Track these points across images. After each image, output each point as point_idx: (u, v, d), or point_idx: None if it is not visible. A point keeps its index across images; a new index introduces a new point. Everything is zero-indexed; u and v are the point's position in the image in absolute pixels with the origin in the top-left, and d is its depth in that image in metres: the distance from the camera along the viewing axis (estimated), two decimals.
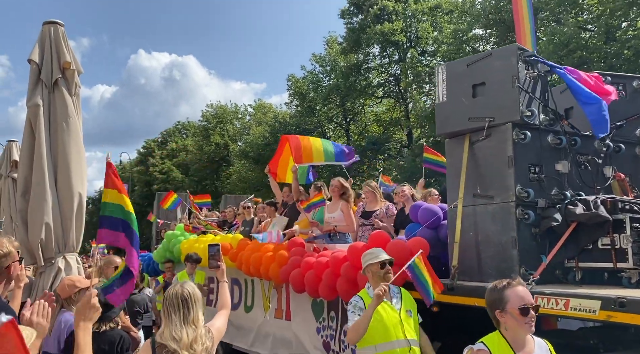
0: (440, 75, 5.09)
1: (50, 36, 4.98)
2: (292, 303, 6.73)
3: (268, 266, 6.53)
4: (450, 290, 4.66)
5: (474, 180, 4.86)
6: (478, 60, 4.86)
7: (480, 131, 4.78)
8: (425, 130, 28.26)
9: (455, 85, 4.98)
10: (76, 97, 5.04)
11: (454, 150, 5.12)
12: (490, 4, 25.76)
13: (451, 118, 5.02)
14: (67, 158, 4.85)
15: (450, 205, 5.04)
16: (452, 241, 4.91)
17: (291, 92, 31.24)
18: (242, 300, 7.95)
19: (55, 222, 4.77)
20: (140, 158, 41.74)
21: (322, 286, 5.57)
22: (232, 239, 7.90)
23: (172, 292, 3.10)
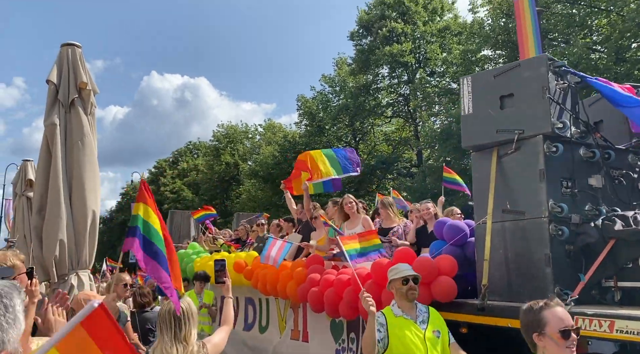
0: (465, 87, 4.89)
1: (68, 57, 5.07)
2: (310, 323, 6.45)
3: (285, 284, 6.27)
4: (481, 310, 4.39)
5: (503, 194, 4.62)
6: (505, 71, 4.66)
7: (509, 144, 4.56)
8: (435, 150, 28.05)
9: (481, 97, 4.77)
10: (92, 117, 5.11)
11: (480, 163, 4.89)
12: (498, 25, 25.74)
13: (478, 130, 4.80)
14: (81, 176, 4.89)
15: (478, 221, 4.79)
16: (481, 259, 4.65)
17: (301, 112, 31.21)
18: (257, 320, 7.68)
19: (69, 239, 4.80)
20: (152, 177, 41.70)
21: (342, 304, 5.30)
22: (246, 256, 7.65)
23: (165, 309, 3.09)
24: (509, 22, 24.82)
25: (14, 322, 1.42)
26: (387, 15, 27.59)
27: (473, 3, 26.48)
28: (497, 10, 25.57)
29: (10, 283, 1.54)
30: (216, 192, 36.15)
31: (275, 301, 7.18)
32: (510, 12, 24.17)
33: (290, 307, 6.80)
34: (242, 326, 7.99)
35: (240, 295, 8.09)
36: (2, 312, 1.43)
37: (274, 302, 7.24)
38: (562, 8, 24.63)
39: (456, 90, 28.43)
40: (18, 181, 10.66)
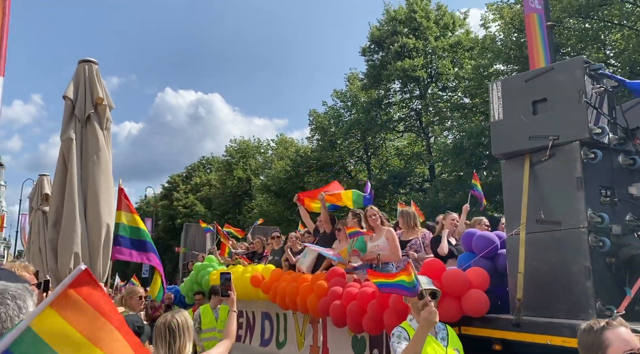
0: (495, 92, 4.66)
1: (85, 73, 5.14)
2: (330, 339, 6.17)
3: (305, 298, 6.00)
4: (516, 326, 4.11)
5: (537, 204, 4.36)
6: (538, 75, 4.43)
7: (543, 150, 4.31)
8: (448, 165, 27.75)
9: (512, 102, 4.54)
10: (107, 131, 5.16)
11: (511, 172, 4.64)
12: (510, 40, 25.57)
13: (508, 137, 4.56)
14: (96, 189, 4.92)
15: (510, 232, 4.52)
16: (514, 271, 4.37)
17: (312, 127, 31.09)
18: (274, 336, 7.40)
19: (84, 252, 4.80)
20: (165, 192, 41.74)
21: (366, 319, 5.03)
22: (263, 270, 7.40)
23: (161, 321, 3.08)
24: (520, 36, 24.63)
25: None
26: (399, 31, 27.53)
27: (485, 18, 26.40)
28: (508, 25, 25.42)
29: (22, 286, 1.55)
30: (228, 207, 36.02)
31: (294, 315, 6.91)
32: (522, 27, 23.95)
33: (310, 322, 6.52)
34: (258, 341, 7.72)
35: (257, 310, 7.83)
36: (16, 313, 1.45)
37: (292, 317, 6.97)
38: (575, 22, 24.43)
39: (468, 105, 28.23)
40: (34, 196, 10.68)
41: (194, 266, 9.67)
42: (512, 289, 4.42)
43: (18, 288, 1.52)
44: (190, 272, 9.95)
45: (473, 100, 27.19)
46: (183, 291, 9.62)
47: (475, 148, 25.66)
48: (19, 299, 1.49)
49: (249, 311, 8.00)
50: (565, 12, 23.49)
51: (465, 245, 4.97)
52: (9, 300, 1.46)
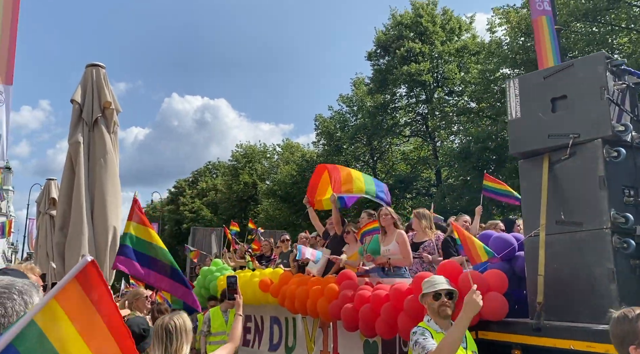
0: (512, 90, 4.51)
1: (92, 77, 5.15)
2: (341, 344, 6.00)
3: (315, 301, 5.84)
4: (537, 331, 3.94)
5: (557, 204, 4.20)
6: (557, 71, 4.28)
7: (563, 149, 4.15)
8: (454, 169, 27.56)
9: (530, 100, 4.39)
10: (114, 135, 5.14)
11: (529, 171, 4.48)
12: (517, 44, 25.41)
13: (526, 136, 4.41)
14: (103, 192, 4.91)
15: (529, 233, 4.36)
16: (534, 274, 4.21)
17: (318, 132, 30.99)
18: (283, 340, 7.24)
19: (90, 254, 4.69)
20: (171, 197, 41.66)
21: (379, 322, 4.87)
22: (271, 274, 7.25)
23: (159, 323, 3.08)
24: (527, 41, 24.48)
25: None
26: (405, 35, 27.43)
27: (491, 23, 26.26)
28: (515, 29, 25.28)
29: (29, 282, 1.53)
30: (234, 211, 35.90)
31: (303, 320, 6.75)
32: (529, 31, 23.85)
33: (320, 326, 6.37)
34: (267, 346, 7.56)
35: (265, 314, 7.68)
36: (23, 308, 1.44)
37: (301, 321, 6.81)
38: (582, 26, 24.26)
39: (475, 109, 28.06)
40: (42, 200, 10.68)
41: (201, 270, 9.53)
42: (531, 292, 4.26)
43: (25, 283, 1.50)
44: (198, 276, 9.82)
45: (479, 105, 27.03)
46: None
47: (481, 152, 25.48)
48: (26, 294, 1.47)
49: (257, 315, 7.85)
50: (572, 16, 23.34)
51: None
52: (15, 295, 1.45)
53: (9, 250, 59.05)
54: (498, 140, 25.59)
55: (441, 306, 3.30)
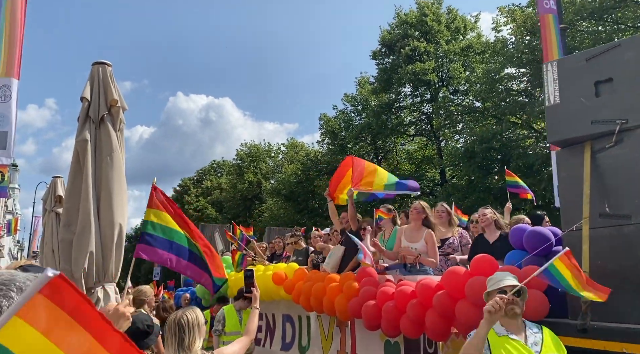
0: (550, 74, 4.16)
1: (98, 75, 5.12)
2: (360, 344, 5.65)
3: (333, 299, 5.49)
4: (583, 332, 3.59)
5: (600, 196, 3.85)
6: (601, 52, 3.93)
7: (608, 136, 3.81)
8: (459, 169, 27.21)
9: (571, 84, 4.04)
10: (120, 133, 5.13)
11: (568, 161, 4.13)
12: (522, 43, 25.05)
13: (566, 123, 4.05)
14: (110, 190, 4.88)
15: (567, 228, 4.01)
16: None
17: (323, 131, 30.59)
18: (296, 339, 6.89)
19: (97, 252, 4.73)
20: (176, 196, 41.32)
21: (404, 320, 4.51)
22: (286, 268, 6.89)
23: (172, 318, 3.11)
24: (533, 40, 24.10)
25: None
26: (410, 35, 27.05)
27: (496, 22, 25.89)
28: (521, 28, 24.91)
29: (33, 277, 1.36)
30: (239, 210, 35.55)
31: (318, 318, 6.41)
32: (535, 30, 23.48)
33: (337, 325, 6.02)
34: (279, 345, 7.22)
35: (278, 312, 7.33)
36: None
37: (316, 320, 6.46)
38: (588, 25, 23.89)
39: (479, 108, 27.68)
40: (48, 198, 10.53)
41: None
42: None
43: (27, 278, 1.34)
44: None
45: (484, 104, 26.66)
46: (199, 294, 9.13)
47: (486, 152, 25.11)
48: None
49: (269, 313, 7.50)
50: (578, 15, 22.98)
51: (515, 241, 4.46)
52: (13, 292, 1.30)
53: (15, 248, 58.80)
54: (503, 139, 25.25)
55: (508, 304, 2.94)
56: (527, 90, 26.06)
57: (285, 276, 6.61)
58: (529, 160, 23.86)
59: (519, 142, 25.81)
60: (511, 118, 26.18)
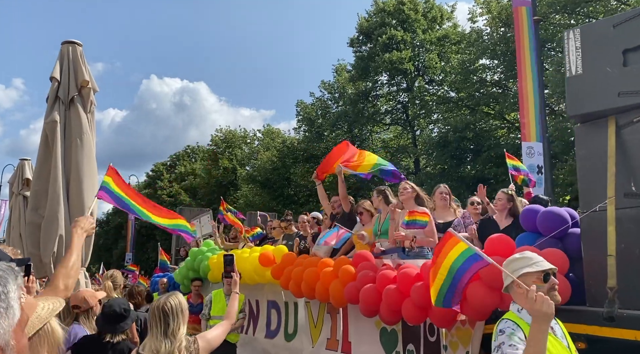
0: (572, 42, 3.77)
1: (68, 55, 4.91)
2: (353, 331, 5.24)
3: (327, 284, 5.05)
4: (609, 320, 3.24)
5: (625, 174, 3.50)
6: (630, 18, 3.55)
7: (635, 110, 3.45)
8: (433, 158, 27.15)
9: (595, 52, 3.66)
10: (91, 115, 4.96)
11: (588, 137, 3.77)
12: (497, 35, 24.98)
13: (589, 95, 3.68)
14: (79, 173, 4.73)
15: (586, 209, 3.66)
16: (593, 255, 3.53)
17: (300, 118, 30.05)
18: (282, 326, 6.44)
19: (66, 236, 4.55)
20: (149, 181, 40.11)
21: (408, 304, 4.10)
22: (275, 250, 6.40)
23: (155, 304, 3.05)
24: (507, 31, 24.01)
25: (6, 311, 1.24)
26: (387, 23, 26.64)
27: (472, 12, 25.72)
28: (496, 19, 24.80)
29: (6, 266, 1.31)
30: (213, 197, 34.71)
31: (307, 304, 5.97)
32: (509, 22, 23.33)
33: (328, 312, 5.59)
34: (263, 333, 6.76)
35: (262, 298, 6.86)
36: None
37: (304, 306, 6.03)
38: (560, 18, 23.92)
39: (454, 99, 27.58)
40: (15, 181, 10.00)
41: (190, 251, 8.63)
42: (591, 276, 3.57)
43: (1, 268, 1.28)
44: (185, 258, 8.93)
45: (459, 94, 26.58)
46: (177, 279, 8.59)
47: (459, 142, 25.11)
48: None
49: (253, 299, 7.03)
50: (551, 8, 22.97)
51: (526, 223, 4.09)
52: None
53: None
54: (476, 129, 25.25)
55: (551, 290, 2.51)
56: (501, 81, 26.07)
57: (274, 259, 6.13)
58: (500, 151, 23.91)
59: (492, 133, 25.87)
60: (484, 108, 26.17)
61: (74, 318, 3.87)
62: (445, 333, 4.29)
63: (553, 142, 19.00)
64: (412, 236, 4.70)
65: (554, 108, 23.74)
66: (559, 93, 21.58)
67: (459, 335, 4.16)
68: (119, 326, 3.67)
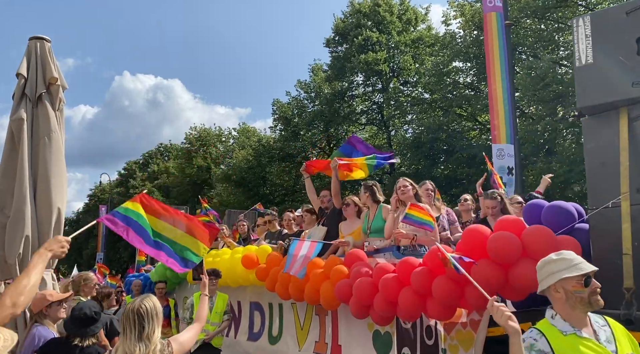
0: (581, 30, 3.54)
1: (36, 51, 4.75)
2: (344, 334, 4.93)
3: (317, 285, 4.72)
4: (627, 324, 3.01)
5: (637, 169, 3.29)
6: None
7: None
8: (407, 158, 27.15)
9: (606, 41, 3.44)
10: (60, 112, 4.79)
11: (597, 130, 3.55)
12: (470, 38, 25.13)
13: (601, 85, 3.45)
14: (47, 172, 4.58)
15: (595, 205, 3.44)
16: (604, 254, 3.30)
17: (276, 117, 29.66)
18: (266, 329, 6.08)
19: (33, 237, 4.42)
20: (121, 180, 38.99)
21: (406, 293, 3.80)
22: (258, 251, 6.03)
23: (129, 307, 2.96)
24: (480, 35, 24.14)
25: None
26: (363, 24, 26.52)
27: (446, 15, 25.78)
28: (469, 22, 24.94)
29: None
30: (187, 196, 33.98)
31: (292, 306, 5.63)
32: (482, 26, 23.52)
33: (316, 313, 5.26)
34: (245, 335, 6.39)
35: (244, 299, 6.49)
36: None
37: (290, 308, 5.68)
38: (531, 23, 24.19)
39: (428, 100, 27.62)
40: None
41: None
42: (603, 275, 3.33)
43: None
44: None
45: (432, 96, 26.63)
46: (154, 279, 8.12)
47: (433, 142, 25.21)
48: None
49: (234, 300, 6.64)
50: (522, 13, 23.18)
51: (530, 218, 3.84)
52: None
53: None
54: (449, 131, 25.35)
55: (593, 295, 2.25)
56: (473, 83, 26.23)
57: (257, 260, 5.76)
58: (472, 152, 24.10)
59: (464, 134, 26.02)
60: (457, 110, 26.32)
61: (34, 320, 3.76)
62: (444, 336, 4.02)
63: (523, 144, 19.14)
64: (412, 235, 4.41)
65: (524, 111, 24.00)
66: (529, 96, 21.78)
67: (460, 338, 3.90)
68: (89, 330, 3.55)
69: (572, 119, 21.67)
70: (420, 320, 4.20)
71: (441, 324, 4.04)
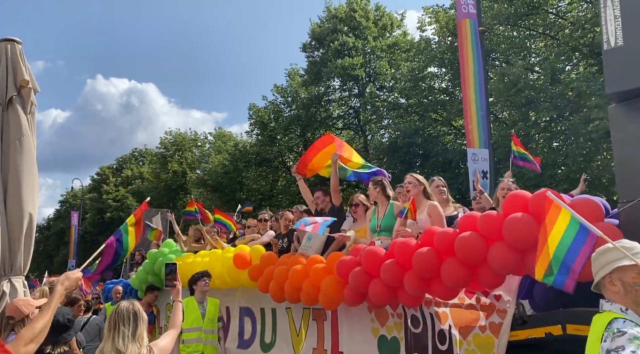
0: (609, 10, 3.27)
1: (7, 54, 4.64)
2: (345, 340, 4.53)
3: (318, 282, 4.30)
4: None
5: None
6: None
7: None
8: (383, 162, 27.06)
9: (638, 21, 3.18)
10: (31, 116, 4.65)
11: (626, 118, 3.27)
12: (445, 44, 25.25)
13: (630, 69, 3.19)
14: (18, 177, 4.43)
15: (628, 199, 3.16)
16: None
17: (252, 121, 29.16)
18: (257, 335, 5.64)
19: (3, 243, 4.25)
20: (94, 185, 37.72)
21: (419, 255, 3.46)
22: (253, 250, 5.58)
23: (123, 306, 2.95)
24: (454, 41, 24.26)
25: None
26: (339, 29, 26.39)
27: (421, 21, 25.85)
28: (444, 29, 25.08)
29: None
30: (162, 201, 33.06)
31: (287, 311, 5.21)
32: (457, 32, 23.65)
33: (313, 318, 4.85)
34: (235, 343, 5.93)
35: (233, 304, 6.03)
36: None
37: (284, 313, 5.26)
38: (504, 30, 24.45)
39: (404, 105, 27.61)
40: None
41: (148, 254, 7.64)
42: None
43: None
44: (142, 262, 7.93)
45: (408, 101, 26.65)
46: (135, 285, 7.57)
47: (409, 147, 25.23)
48: None
49: (223, 306, 6.16)
50: (495, 19, 23.40)
51: None
52: None
53: None
54: (424, 135, 25.38)
55: None
56: (448, 89, 26.35)
57: (250, 260, 5.32)
58: (448, 156, 24.19)
59: (440, 138, 26.09)
60: (433, 115, 26.40)
61: (11, 329, 3.53)
62: (460, 341, 3.67)
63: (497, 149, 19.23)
64: (416, 234, 4.07)
65: (498, 116, 24.20)
66: (503, 102, 21.94)
67: (478, 343, 3.56)
68: (61, 337, 3.46)
69: (544, 124, 21.92)
70: (432, 323, 3.86)
71: (456, 328, 3.71)
